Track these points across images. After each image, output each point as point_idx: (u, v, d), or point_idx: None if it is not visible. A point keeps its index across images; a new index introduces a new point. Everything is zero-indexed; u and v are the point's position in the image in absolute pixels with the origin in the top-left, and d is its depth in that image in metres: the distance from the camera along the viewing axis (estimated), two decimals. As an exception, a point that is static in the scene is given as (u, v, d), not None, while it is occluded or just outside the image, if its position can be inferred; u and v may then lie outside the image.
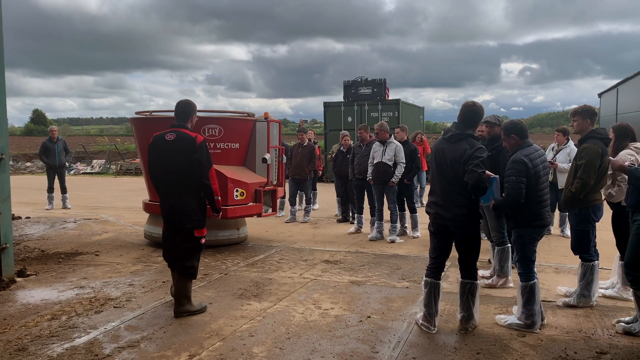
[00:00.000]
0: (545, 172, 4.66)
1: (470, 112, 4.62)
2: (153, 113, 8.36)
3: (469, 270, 4.67)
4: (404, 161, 8.73)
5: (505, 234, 6.02)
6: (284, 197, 11.22)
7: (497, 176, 4.69)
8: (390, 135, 8.92)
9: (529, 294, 4.57)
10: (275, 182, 8.59)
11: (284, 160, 9.06)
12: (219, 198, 5.07)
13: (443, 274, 6.58)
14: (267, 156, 8.31)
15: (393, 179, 8.64)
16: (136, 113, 8.54)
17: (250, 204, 7.94)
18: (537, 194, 4.57)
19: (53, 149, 12.74)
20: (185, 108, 5.13)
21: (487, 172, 4.76)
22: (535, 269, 4.71)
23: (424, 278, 4.73)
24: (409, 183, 9.17)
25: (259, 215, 8.29)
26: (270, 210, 8.44)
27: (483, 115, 4.78)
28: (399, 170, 8.66)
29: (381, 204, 8.95)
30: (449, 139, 4.59)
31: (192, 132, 5.01)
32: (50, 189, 12.82)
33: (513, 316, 4.73)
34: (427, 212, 4.74)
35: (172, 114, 8.32)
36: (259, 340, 4.44)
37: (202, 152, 4.90)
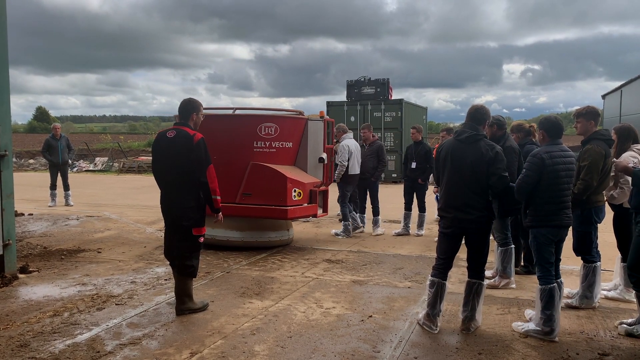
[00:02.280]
0: (568, 173, 4.50)
1: (479, 112, 4.65)
2: (204, 110, 8.21)
3: (477, 270, 4.67)
4: (342, 161, 8.93)
5: (508, 235, 6.01)
6: None
7: None
8: (343, 133, 9.22)
9: (547, 297, 4.42)
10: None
11: (336, 160, 9.00)
12: (218, 197, 4.99)
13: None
14: (324, 156, 8.22)
15: (335, 177, 8.91)
16: None
17: (306, 204, 7.79)
18: (554, 193, 4.44)
19: (56, 146, 12.75)
20: (185, 106, 5.13)
21: None
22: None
23: (430, 278, 4.70)
24: (423, 183, 9.21)
25: (314, 216, 8.17)
26: (321, 211, 8.26)
27: (490, 116, 4.80)
28: (337, 170, 8.93)
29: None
30: (465, 141, 4.55)
31: (191, 130, 5.00)
32: (53, 186, 12.84)
33: (531, 323, 4.60)
34: (442, 216, 4.68)
35: (222, 111, 8.23)
36: (261, 339, 4.45)
37: (200, 149, 4.88)
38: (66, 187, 12.94)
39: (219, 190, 5.03)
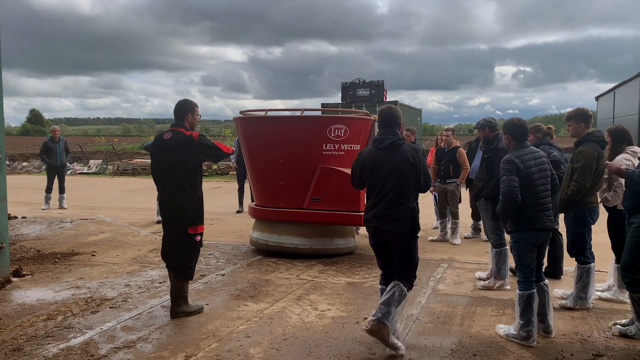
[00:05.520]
0: (541, 175, 4.44)
1: (391, 115, 4.37)
2: (269, 112, 7.94)
3: (404, 278, 4.29)
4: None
5: (502, 236, 6.02)
6: None
7: None
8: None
9: (525, 304, 4.37)
10: None
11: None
12: (229, 152, 5.33)
13: (439, 276, 6.60)
14: None
15: None
16: (241, 112, 8.17)
17: None
18: (531, 196, 4.38)
19: (54, 149, 12.65)
20: (180, 108, 5.14)
21: None
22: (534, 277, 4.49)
23: (379, 285, 4.54)
24: None
25: None
26: None
27: (401, 114, 4.48)
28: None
29: None
30: (388, 147, 4.25)
31: (187, 131, 5.04)
32: (49, 189, 12.73)
33: (512, 327, 4.56)
34: (367, 226, 4.40)
35: (283, 113, 8.00)
36: (256, 341, 4.43)
37: (204, 145, 5.02)
38: (61, 190, 12.86)
39: (227, 149, 5.27)
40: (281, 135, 7.41)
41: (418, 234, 4.36)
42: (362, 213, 7.09)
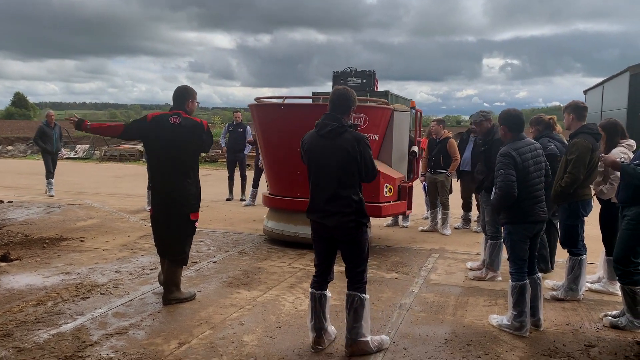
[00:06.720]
0: (537, 167, 4.44)
1: (341, 97, 4.00)
2: (286, 100, 7.72)
3: (355, 281, 4.08)
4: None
5: (499, 229, 6.03)
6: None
7: None
8: None
9: (518, 295, 4.39)
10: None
11: (422, 154, 8.72)
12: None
13: (431, 266, 6.62)
14: (416, 149, 7.91)
15: None
16: (256, 99, 7.97)
17: (394, 201, 7.28)
18: (527, 189, 4.38)
19: (51, 134, 12.36)
20: (181, 93, 5.09)
21: None
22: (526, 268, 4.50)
23: (310, 289, 4.19)
24: None
25: (403, 213, 7.85)
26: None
27: (356, 99, 4.08)
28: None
29: None
30: (327, 135, 3.92)
31: (195, 117, 5.12)
32: (49, 174, 12.47)
33: (504, 317, 4.58)
34: (309, 218, 4.14)
35: (301, 100, 7.90)
36: (249, 329, 4.42)
37: (210, 134, 5.16)
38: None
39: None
40: (299, 123, 7.30)
41: (368, 225, 4.05)
42: (382, 204, 7.04)
